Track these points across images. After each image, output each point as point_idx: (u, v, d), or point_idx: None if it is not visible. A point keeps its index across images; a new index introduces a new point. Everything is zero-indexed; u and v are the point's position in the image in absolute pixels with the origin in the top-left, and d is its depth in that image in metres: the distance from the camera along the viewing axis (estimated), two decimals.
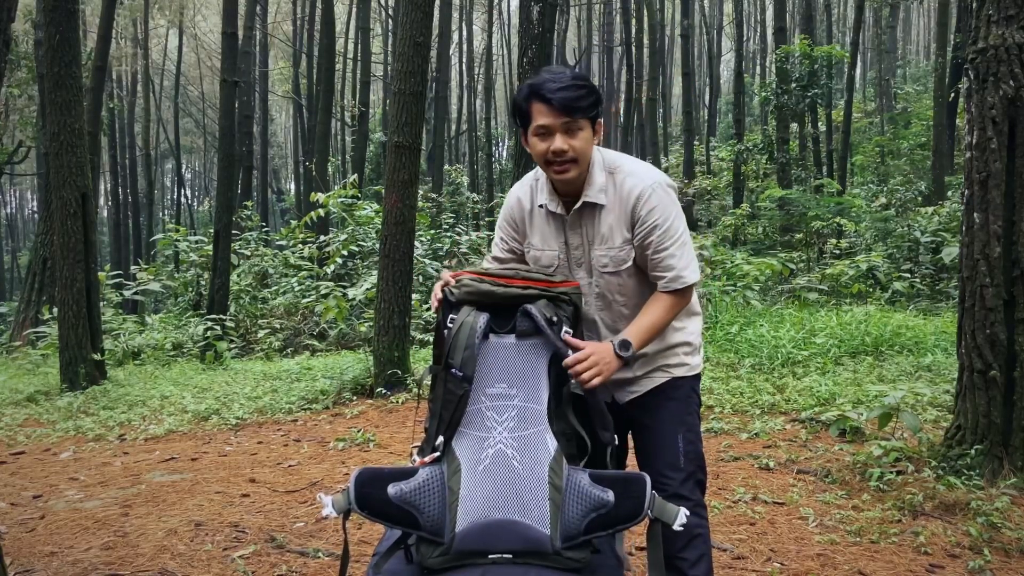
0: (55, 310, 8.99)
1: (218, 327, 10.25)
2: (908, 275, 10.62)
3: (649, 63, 23.82)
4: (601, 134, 2.23)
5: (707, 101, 35.22)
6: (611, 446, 2.04)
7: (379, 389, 6.72)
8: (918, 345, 7.06)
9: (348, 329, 10.73)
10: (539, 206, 2.30)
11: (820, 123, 20.31)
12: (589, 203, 2.21)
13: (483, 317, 1.98)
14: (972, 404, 3.95)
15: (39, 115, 14.42)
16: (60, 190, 7.67)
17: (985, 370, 3.87)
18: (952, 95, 16.25)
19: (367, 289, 10.76)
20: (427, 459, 1.93)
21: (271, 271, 13.60)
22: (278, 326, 11.22)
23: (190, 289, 13.02)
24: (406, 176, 6.77)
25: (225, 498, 4.30)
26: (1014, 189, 3.84)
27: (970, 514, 3.53)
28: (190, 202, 43.22)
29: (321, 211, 13.00)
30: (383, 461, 5.00)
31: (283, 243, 14.98)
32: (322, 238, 14.14)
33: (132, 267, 15.77)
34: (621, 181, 2.21)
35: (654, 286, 2.25)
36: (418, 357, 7.70)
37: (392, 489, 1.86)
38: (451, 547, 1.82)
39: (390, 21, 26.95)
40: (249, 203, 18.27)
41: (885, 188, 18.32)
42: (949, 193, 14.62)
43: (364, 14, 20.59)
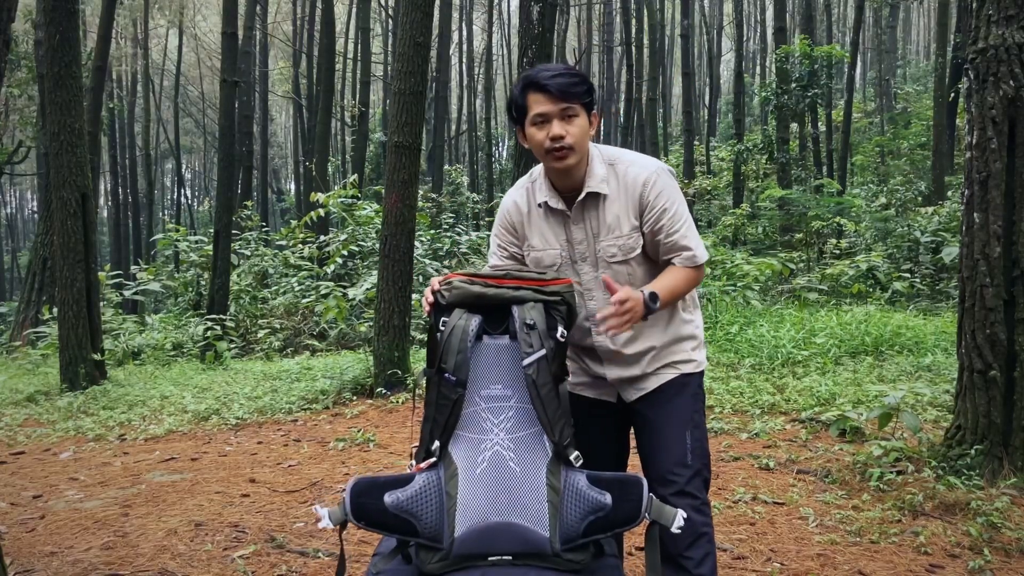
0: (55, 310, 9.00)
1: (218, 327, 10.25)
2: (908, 275, 10.62)
3: (649, 63, 23.82)
4: (596, 125, 2.24)
5: (707, 101, 35.22)
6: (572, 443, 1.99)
7: (379, 389, 6.72)
8: (918, 345, 7.06)
9: (348, 329, 10.74)
10: (539, 205, 2.29)
11: (820, 123, 20.30)
12: (592, 193, 2.22)
13: (475, 319, 1.96)
14: (972, 404, 3.95)
15: (39, 115, 14.42)
16: (60, 190, 7.67)
17: (985, 370, 3.87)
18: (952, 95, 16.25)
19: (367, 289, 10.76)
20: (423, 465, 1.92)
21: (271, 271, 13.60)
22: (278, 326, 11.22)
23: (190, 289, 13.02)
24: (406, 176, 6.76)
25: (225, 498, 4.30)
26: (1014, 189, 3.84)
27: (970, 514, 3.53)
28: (190, 202, 43.22)
29: (321, 211, 13.00)
30: (383, 461, 5.00)
31: (283, 243, 14.98)
32: (322, 238, 14.14)
33: (132, 267, 15.79)
34: (624, 171, 2.23)
35: (660, 269, 2.27)
36: (418, 357, 7.70)
37: (389, 498, 1.84)
38: (450, 552, 1.81)
39: (390, 21, 26.95)
40: (249, 203, 18.27)
41: (885, 188, 18.32)
42: (949, 193, 14.63)
43: (364, 14, 20.58)
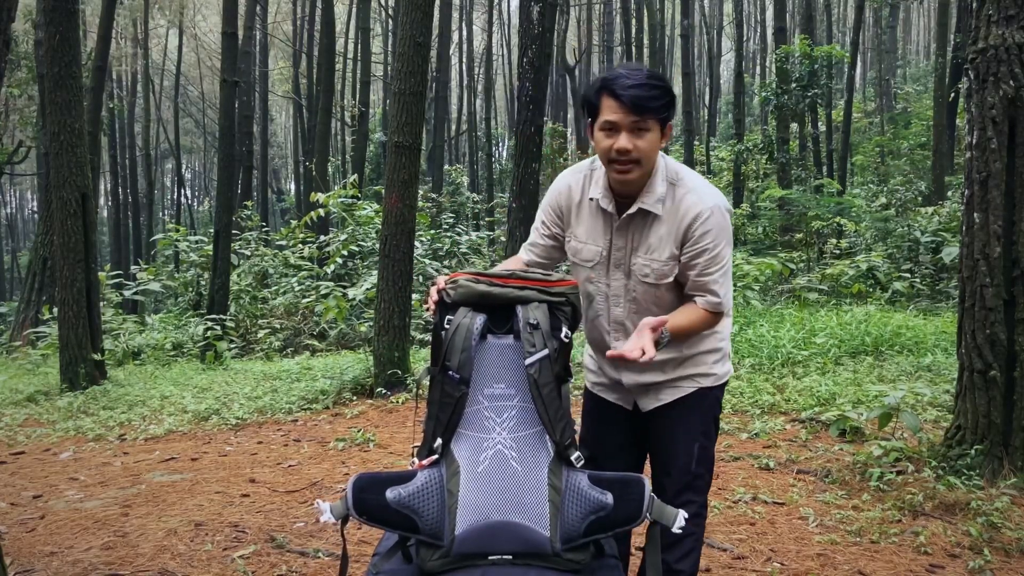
0: (55, 310, 8.99)
1: (218, 327, 10.25)
2: (908, 275, 10.62)
3: (649, 63, 23.80)
4: (669, 137, 2.15)
5: (707, 101, 35.21)
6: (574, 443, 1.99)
7: (379, 389, 6.71)
8: (918, 345, 7.06)
9: (348, 329, 10.73)
10: (590, 199, 2.24)
11: (820, 123, 20.30)
12: (643, 210, 2.16)
13: (480, 318, 1.96)
14: (972, 404, 3.95)
15: (39, 115, 14.42)
16: (60, 190, 7.66)
17: (985, 370, 3.87)
18: (952, 95, 16.25)
19: (367, 289, 10.76)
20: (425, 462, 1.92)
21: (271, 271, 13.60)
22: (278, 326, 11.22)
23: (190, 289, 13.02)
24: (406, 176, 6.76)
25: (225, 498, 4.30)
26: (1014, 189, 3.84)
27: (970, 514, 3.53)
28: (190, 202, 43.21)
29: (321, 211, 12.99)
30: (383, 461, 5.00)
31: (283, 243, 14.97)
32: (322, 238, 14.14)
33: (132, 267, 15.79)
34: (682, 196, 2.15)
35: (688, 299, 2.23)
36: (418, 357, 7.70)
37: (391, 493, 1.85)
38: (451, 550, 1.81)
39: (390, 21, 26.94)
40: (249, 203, 18.26)
41: (885, 188, 18.32)
42: (949, 193, 14.63)
43: (364, 14, 20.57)
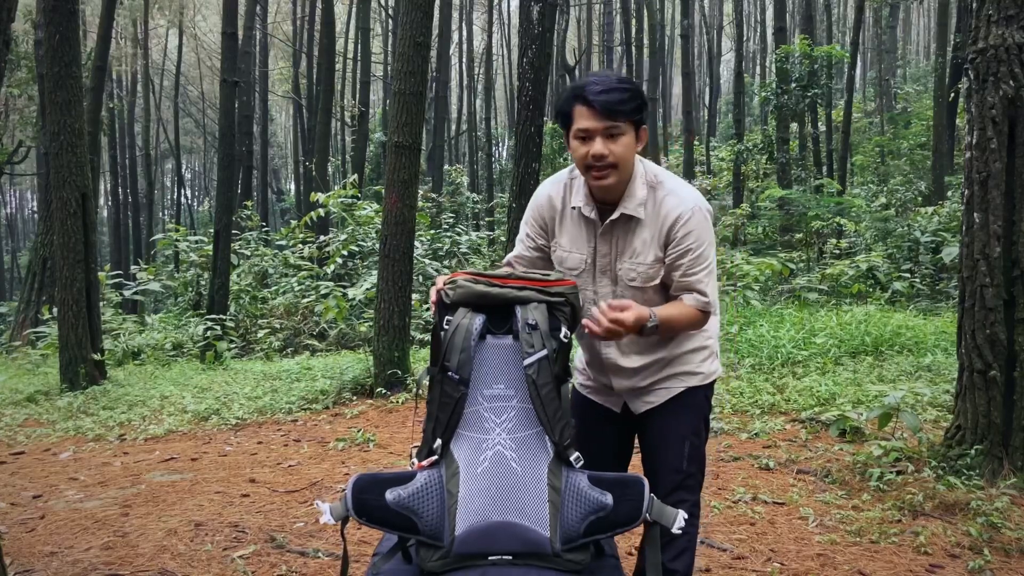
0: (55, 310, 8.99)
1: (218, 327, 10.25)
2: (908, 275, 10.62)
3: (649, 63, 23.81)
4: (645, 141, 2.16)
5: (707, 101, 35.21)
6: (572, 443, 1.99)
7: (379, 389, 6.71)
8: (918, 345, 7.06)
9: (348, 329, 10.73)
10: (572, 208, 2.25)
11: (820, 123, 20.29)
12: (626, 215, 2.17)
13: (479, 318, 1.97)
14: (972, 404, 3.95)
15: (39, 115, 14.41)
16: (60, 190, 7.66)
17: (985, 370, 3.87)
18: (952, 95, 16.24)
19: (367, 289, 10.76)
20: (425, 463, 1.92)
21: (271, 271, 13.60)
22: (278, 326, 11.22)
23: (190, 289, 13.02)
24: (406, 176, 6.76)
25: (225, 498, 4.30)
26: (1014, 189, 3.84)
27: (970, 514, 3.53)
28: (190, 202, 43.22)
29: (321, 211, 13.00)
30: (383, 461, 5.00)
31: (283, 243, 14.98)
32: (322, 238, 14.14)
33: (132, 267, 15.79)
34: (662, 198, 2.17)
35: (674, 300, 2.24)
36: (418, 357, 7.70)
37: (390, 494, 1.85)
38: (451, 550, 1.81)
39: (390, 21, 26.94)
40: (249, 203, 18.27)
41: (885, 188, 18.32)
42: (949, 193, 14.62)
43: (364, 14, 20.57)
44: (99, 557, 3.46)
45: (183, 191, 37.49)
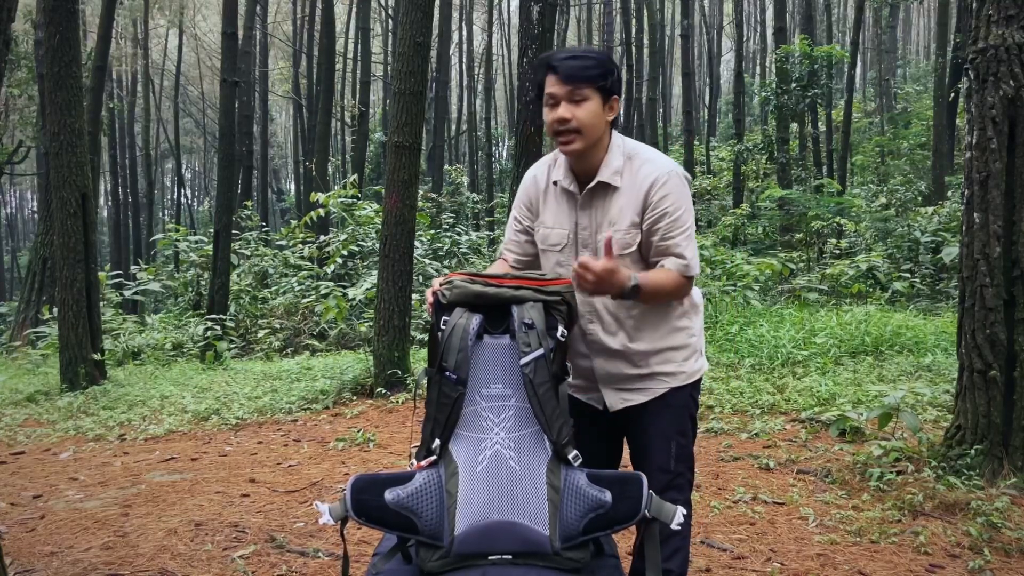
0: (55, 310, 9.00)
1: (218, 327, 10.25)
2: (908, 275, 10.62)
3: (649, 63, 23.83)
4: (617, 111, 2.21)
5: (707, 101, 35.21)
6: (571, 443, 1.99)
7: (379, 389, 6.71)
8: (918, 345, 7.06)
9: (348, 329, 10.73)
10: (553, 183, 2.31)
11: (820, 123, 20.30)
12: (603, 183, 2.22)
13: (476, 318, 1.97)
14: (972, 404, 3.95)
15: (39, 115, 14.42)
16: (60, 190, 7.66)
17: (985, 370, 3.87)
18: (952, 95, 16.25)
19: (367, 289, 10.76)
20: (424, 463, 1.92)
21: (271, 271, 13.60)
22: (278, 326, 11.22)
23: (190, 289, 13.02)
24: (406, 176, 6.76)
25: (225, 498, 4.30)
26: (1014, 189, 3.84)
27: (970, 514, 3.53)
28: (190, 202, 43.22)
29: (321, 211, 13.00)
30: (383, 461, 5.00)
31: (283, 243, 14.98)
32: (322, 238, 14.14)
33: (132, 267, 15.78)
34: (639, 167, 2.22)
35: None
36: (418, 357, 7.70)
37: (389, 495, 1.85)
38: (450, 550, 1.81)
39: (390, 21, 26.94)
40: (249, 203, 18.27)
41: (885, 188, 18.31)
42: (949, 193, 14.63)
43: (364, 14, 20.59)
44: (99, 557, 3.46)
45: (183, 191, 37.50)
